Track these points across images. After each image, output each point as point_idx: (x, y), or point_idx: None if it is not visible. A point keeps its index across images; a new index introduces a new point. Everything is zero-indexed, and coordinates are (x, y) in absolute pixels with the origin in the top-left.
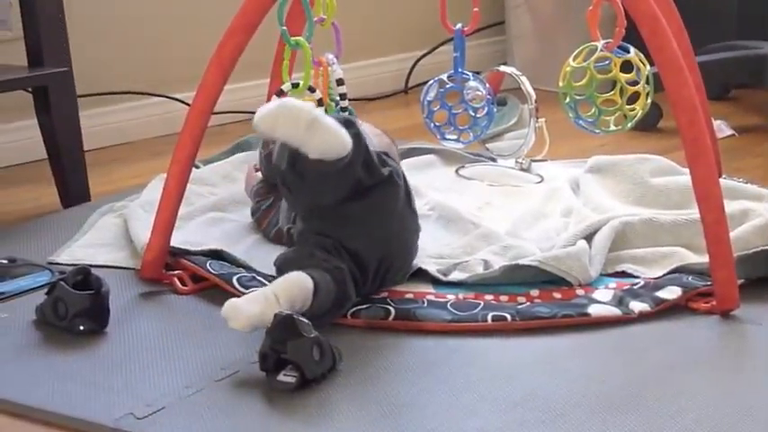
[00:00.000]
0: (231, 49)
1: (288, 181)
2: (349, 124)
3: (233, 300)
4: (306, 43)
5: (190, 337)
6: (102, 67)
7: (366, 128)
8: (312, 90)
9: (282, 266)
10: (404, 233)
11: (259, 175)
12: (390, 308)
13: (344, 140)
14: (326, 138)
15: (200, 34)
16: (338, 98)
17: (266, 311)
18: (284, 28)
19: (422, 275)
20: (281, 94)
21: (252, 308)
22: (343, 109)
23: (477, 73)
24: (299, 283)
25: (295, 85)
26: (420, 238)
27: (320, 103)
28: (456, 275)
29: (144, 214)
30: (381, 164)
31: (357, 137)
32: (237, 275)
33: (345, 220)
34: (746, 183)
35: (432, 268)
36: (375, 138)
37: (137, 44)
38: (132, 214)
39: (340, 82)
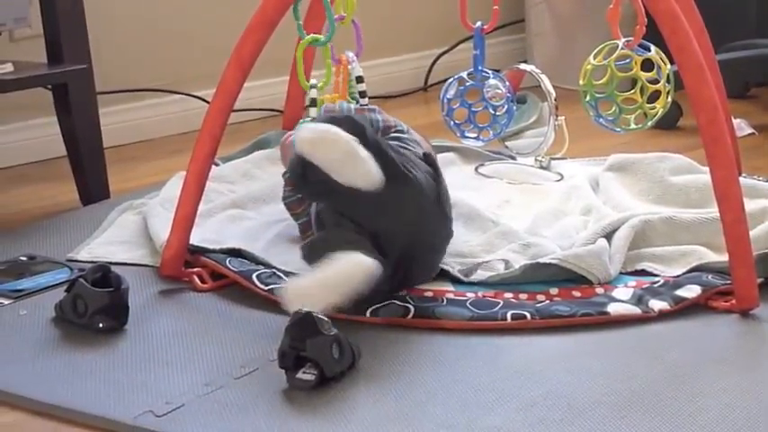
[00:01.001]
0: (251, 47)
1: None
2: (384, 157)
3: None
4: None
5: (209, 335)
6: (122, 65)
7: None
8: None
9: (312, 247)
10: (429, 227)
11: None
12: (410, 306)
13: (375, 178)
14: (359, 172)
15: (220, 32)
16: (357, 96)
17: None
18: (300, 22)
19: (442, 274)
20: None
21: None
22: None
23: (497, 71)
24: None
25: (313, 86)
26: None
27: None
28: (477, 275)
29: (163, 212)
30: (405, 166)
31: (385, 159)
32: (257, 272)
33: (364, 205)
34: (766, 181)
35: (453, 269)
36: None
37: (156, 42)
38: (151, 212)
39: (360, 79)
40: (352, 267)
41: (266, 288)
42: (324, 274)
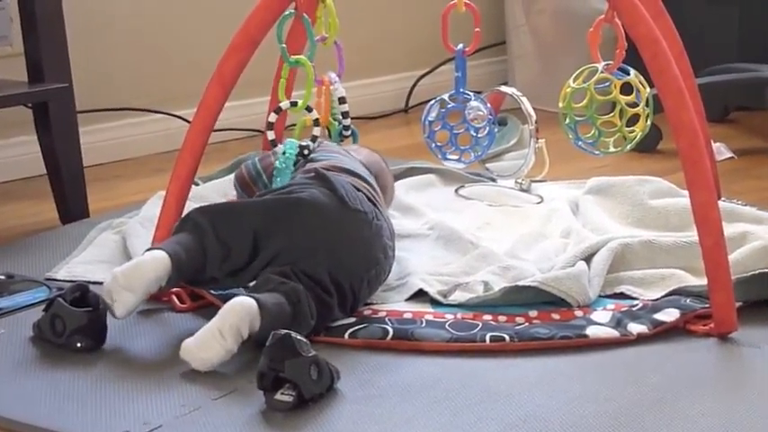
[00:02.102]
0: (232, 67)
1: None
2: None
3: (186, 343)
4: (308, 62)
5: None
6: (103, 84)
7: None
8: (309, 110)
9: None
10: (344, 238)
11: None
12: (388, 327)
13: (154, 262)
14: (137, 272)
15: (201, 51)
16: (340, 117)
17: (218, 352)
18: (283, 46)
19: (421, 295)
20: (279, 111)
21: (205, 353)
22: (346, 128)
23: (479, 93)
24: (239, 310)
25: (293, 104)
26: (419, 256)
27: (317, 123)
28: (456, 297)
29: (143, 231)
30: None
31: (196, 223)
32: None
33: (274, 247)
34: (745, 205)
35: (432, 289)
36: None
37: (137, 61)
38: (131, 231)
39: (342, 100)
40: (225, 316)
41: None
42: (203, 330)
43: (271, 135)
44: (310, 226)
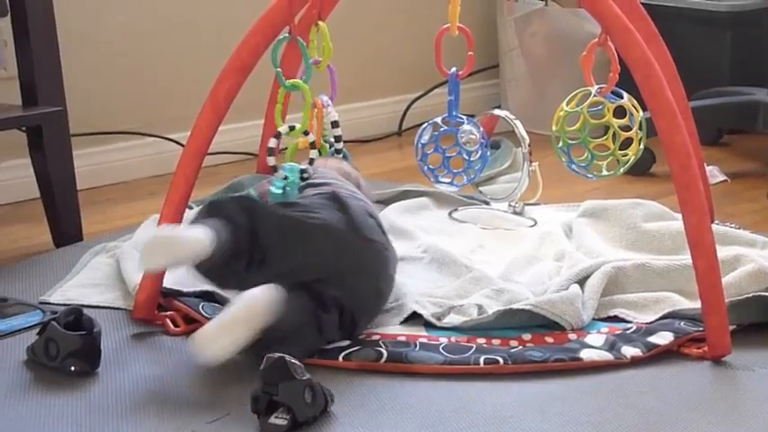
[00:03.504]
0: (225, 91)
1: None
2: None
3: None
4: (305, 85)
5: (181, 379)
6: (97, 107)
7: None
8: (306, 133)
9: None
10: (354, 267)
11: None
12: (382, 350)
13: (197, 241)
14: (177, 249)
15: (195, 75)
16: (333, 140)
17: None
18: (279, 70)
19: (415, 317)
20: (278, 136)
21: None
22: (338, 151)
23: (471, 116)
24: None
25: (292, 128)
26: (412, 279)
27: (313, 146)
28: (450, 319)
29: (136, 254)
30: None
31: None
32: None
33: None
34: (739, 228)
35: (426, 312)
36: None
37: (131, 84)
38: (125, 254)
39: (335, 124)
40: (251, 303)
41: None
42: (225, 316)
43: (271, 161)
44: (322, 252)
